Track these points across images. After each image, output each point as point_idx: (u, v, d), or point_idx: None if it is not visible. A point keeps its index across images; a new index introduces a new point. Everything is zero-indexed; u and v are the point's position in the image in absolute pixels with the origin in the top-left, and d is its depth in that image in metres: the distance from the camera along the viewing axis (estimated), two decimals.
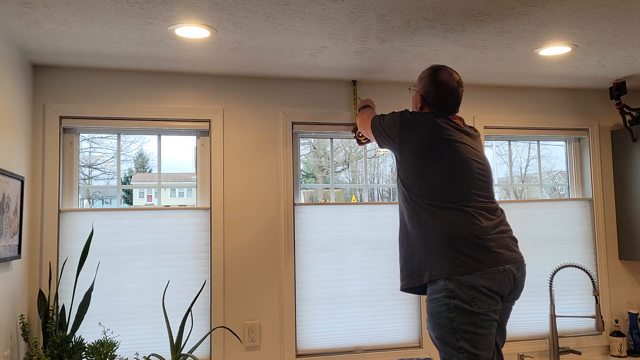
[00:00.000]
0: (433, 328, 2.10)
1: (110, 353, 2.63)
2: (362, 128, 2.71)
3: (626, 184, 3.62)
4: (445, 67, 2.39)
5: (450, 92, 2.33)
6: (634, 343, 3.50)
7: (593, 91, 3.73)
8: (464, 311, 2.02)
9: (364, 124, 2.65)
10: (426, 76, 2.37)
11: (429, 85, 2.34)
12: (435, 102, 2.34)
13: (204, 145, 3.19)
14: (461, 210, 2.11)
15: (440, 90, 2.33)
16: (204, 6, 2.20)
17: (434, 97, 2.33)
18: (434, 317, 2.08)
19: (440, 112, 2.31)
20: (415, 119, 2.28)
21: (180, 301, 3.04)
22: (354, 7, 2.25)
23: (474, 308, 2.02)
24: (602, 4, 2.27)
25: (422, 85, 2.37)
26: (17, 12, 2.23)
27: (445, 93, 2.33)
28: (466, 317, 2.02)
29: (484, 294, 2.02)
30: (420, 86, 2.39)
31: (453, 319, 2.03)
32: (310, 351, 3.21)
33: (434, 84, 2.34)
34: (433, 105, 2.34)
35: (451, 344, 2.03)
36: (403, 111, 2.35)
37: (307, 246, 3.26)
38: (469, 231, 2.07)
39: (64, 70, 2.98)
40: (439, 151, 2.18)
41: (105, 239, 2.99)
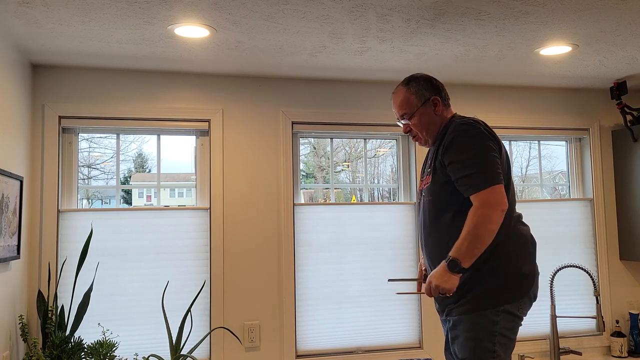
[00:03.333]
0: (468, 328, 1.94)
1: (109, 353, 2.62)
2: (483, 233, 1.87)
3: (627, 184, 3.61)
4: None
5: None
6: (635, 343, 3.49)
7: (594, 91, 3.72)
8: (510, 315, 1.92)
9: (484, 227, 1.86)
10: (422, 84, 2.14)
11: (430, 86, 2.14)
12: (447, 100, 2.17)
13: (203, 145, 3.18)
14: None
15: (439, 85, 2.17)
16: (203, 6, 2.20)
17: (445, 93, 2.17)
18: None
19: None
20: (481, 129, 1.97)
21: (180, 301, 3.03)
22: (354, 7, 2.24)
23: (519, 312, 1.94)
24: (603, 4, 2.27)
25: (425, 90, 2.12)
26: (16, 11, 2.23)
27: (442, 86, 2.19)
28: (509, 322, 1.92)
29: (530, 297, 1.97)
30: (426, 93, 2.12)
31: (497, 322, 1.91)
32: (310, 352, 3.20)
33: (430, 82, 2.15)
34: (445, 102, 2.15)
35: (486, 347, 1.89)
36: (470, 138, 1.95)
37: (307, 246, 3.25)
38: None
39: (63, 70, 2.97)
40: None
41: (105, 239, 2.98)
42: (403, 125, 2.17)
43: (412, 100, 2.12)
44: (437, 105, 2.11)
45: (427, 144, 2.16)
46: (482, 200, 1.85)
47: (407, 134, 2.19)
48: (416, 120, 2.11)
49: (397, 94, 2.17)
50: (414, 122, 2.12)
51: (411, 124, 2.13)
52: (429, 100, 2.11)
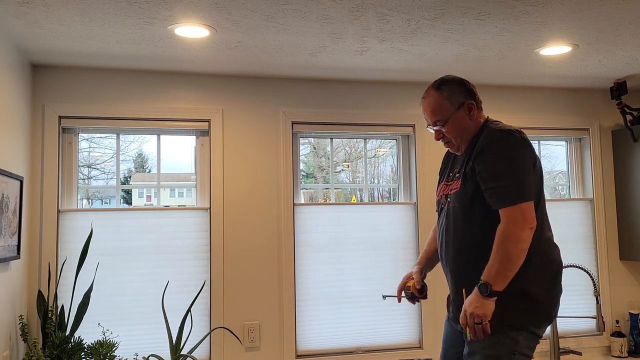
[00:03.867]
0: (489, 346, 1.85)
1: (109, 353, 2.62)
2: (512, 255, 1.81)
3: (627, 184, 3.61)
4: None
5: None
6: (635, 343, 3.49)
7: (594, 91, 3.72)
8: (532, 334, 1.86)
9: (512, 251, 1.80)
10: (455, 87, 2.00)
11: (464, 89, 2.00)
12: (479, 101, 2.03)
13: (203, 145, 3.18)
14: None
15: (472, 87, 2.04)
16: (203, 6, 2.20)
17: (478, 96, 2.03)
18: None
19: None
20: (518, 138, 1.88)
21: (180, 301, 3.03)
22: (354, 7, 2.24)
23: (540, 332, 1.89)
24: (603, 4, 2.26)
25: (459, 95, 1.99)
26: (16, 11, 2.23)
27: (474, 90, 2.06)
28: (530, 341, 1.86)
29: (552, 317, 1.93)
30: (460, 97, 1.98)
31: (519, 341, 1.83)
32: (310, 352, 3.20)
33: (464, 85, 2.01)
34: (479, 105, 2.01)
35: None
36: (504, 148, 1.86)
37: (307, 246, 3.25)
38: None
39: (63, 70, 2.97)
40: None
41: (105, 239, 2.98)
42: (435, 132, 2.02)
43: (445, 106, 1.97)
44: (472, 109, 1.97)
45: (459, 150, 2.02)
46: (511, 218, 1.77)
47: (438, 141, 2.06)
48: (450, 127, 1.97)
49: (428, 99, 2.01)
50: (447, 129, 1.98)
51: (445, 131, 1.99)
52: (464, 104, 1.96)
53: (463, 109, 1.97)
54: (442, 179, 2.15)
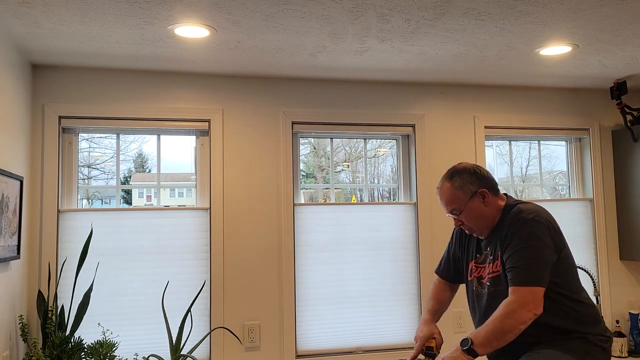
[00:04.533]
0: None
1: (109, 353, 2.62)
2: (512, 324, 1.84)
3: (627, 184, 3.61)
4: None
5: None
6: (635, 343, 3.49)
7: (594, 91, 3.72)
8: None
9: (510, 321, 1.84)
10: (466, 177, 2.05)
11: (475, 178, 2.04)
12: (495, 187, 2.08)
13: (203, 145, 3.18)
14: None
15: (484, 174, 2.08)
16: (203, 6, 2.20)
17: (492, 181, 2.08)
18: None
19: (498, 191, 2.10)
20: (542, 225, 1.93)
21: (180, 301, 3.03)
22: (354, 7, 2.24)
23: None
24: (603, 4, 2.26)
25: (470, 184, 2.03)
26: (16, 11, 2.23)
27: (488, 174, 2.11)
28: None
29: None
30: (471, 187, 2.02)
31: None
32: (310, 352, 3.20)
33: (475, 174, 2.05)
34: (493, 190, 2.06)
35: None
36: (527, 234, 1.90)
37: (307, 246, 3.25)
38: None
39: (63, 70, 2.97)
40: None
41: (105, 239, 2.98)
42: (454, 220, 2.08)
43: (458, 196, 2.02)
44: (486, 196, 2.02)
45: (482, 234, 2.07)
46: (521, 297, 1.83)
47: (459, 227, 2.11)
48: (466, 215, 2.03)
49: (442, 190, 2.08)
50: (464, 217, 2.03)
51: (462, 219, 2.04)
52: (476, 193, 2.01)
53: (477, 197, 2.02)
54: (466, 255, 2.17)
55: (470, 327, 3.43)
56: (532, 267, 1.85)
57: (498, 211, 2.03)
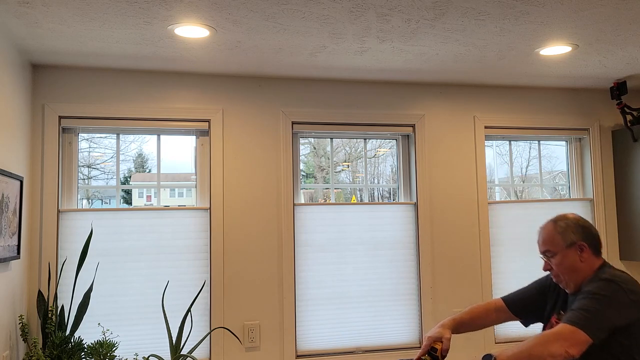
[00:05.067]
0: None
1: (109, 353, 2.62)
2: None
3: (627, 184, 3.61)
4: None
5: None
6: None
7: (594, 91, 3.72)
8: None
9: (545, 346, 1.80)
10: (571, 225, 2.02)
11: (580, 230, 2.01)
12: (597, 248, 2.02)
13: (203, 145, 3.18)
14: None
15: (592, 231, 2.03)
16: (203, 6, 2.20)
17: (597, 241, 2.02)
18: None
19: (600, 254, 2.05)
20: (620, 295, 1.86)
21: (180, 301, 3.03)
22: (354, 7, 2.24)
23: None
24: (603, 4, 2.27)
25: (573, 233, 2.00)
26: (16, 11, 2.23)
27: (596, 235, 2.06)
28: None
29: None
30: (573, 236, 2.00)
31: None
32: (310, 352, 3.20)
33: (581, 227, 2.02)
34: (595, 250, 2.01)
35: None
36: (602, 295, 1.85)
37: (307, 246, 3.25)
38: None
39: (63, 70, 2.97)
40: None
41: (105, 239, 2.98)
42: (545, 262, 2.06)
43: (556, 240, 2.00)
44: (584, 251, 1.97)
45: (567, 287, 2.02)
46: (559, 331, 1.79)
47: (546, 271, 2.07)
48: (558, 261, 1.99)
49: (543, 229, 2.07)
50: (555, 262, 2.00)
51: (552, 264, 2.01)
52: (575, 244, 1.97)
53: (574, 248, 1.98)
54: (550, 306, 2.13)
55: None
56: (589, 314, 1.80)
57: (591, 271, 1.98)
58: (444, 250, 3.39)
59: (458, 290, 3.39)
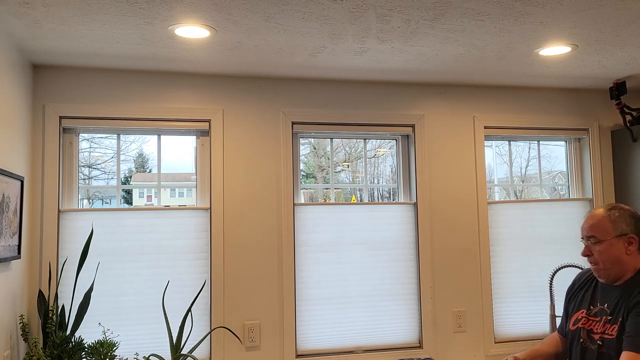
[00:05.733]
0: None
1: (110, 353, 2.62)
2: None
3: (626, 184, 3.61)
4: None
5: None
6: None
7: (593, 91, 3.73)
8: None
9: None
10: (625, 216, 1.96)
11: (633, 222, 1.95)
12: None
13: (203, 145, 3.19)
14: None
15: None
16: (203, 6, 2.20)
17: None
18: None
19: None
20: None
21: (180, 301, 3.03)
22: (354, 7, 2.24)
23: None
24: (603, 4, 2.27)
25: (626, 225, 1.95)
26: (16, 12, 2.23)
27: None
28: None
29: None
30: (625, 227, 1.94)
31: None
32: (310, 351, 3.20)
33: (636, 220, 1.96)
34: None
35: None
36: None
37: (307, 246, 3.25)
38: None
39: (63, 70, 2.98)
40: None
41: (105, 239, 2.99)
42: (585, 247, 2.01)
43: (606, 227, 1.94)
44: (633, 244, 1.93)
45: (603, 277, 1.98)
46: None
47: (585, 257, 2.01)
48: (602, 250, 1.94)
49: (593, 214, 2.00)
50: (599, 250, 1.94)
51: (595, 250, 1.96)
52: (626, 235, 1.92)
53: (623, 240, 1.93)
54: (577, 303, 2.11)
55: (471, 327, 3.44)
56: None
57: (634, 269, 1.93)
58: (444, 250, 3.40)
59: (458, 290, 3.40)
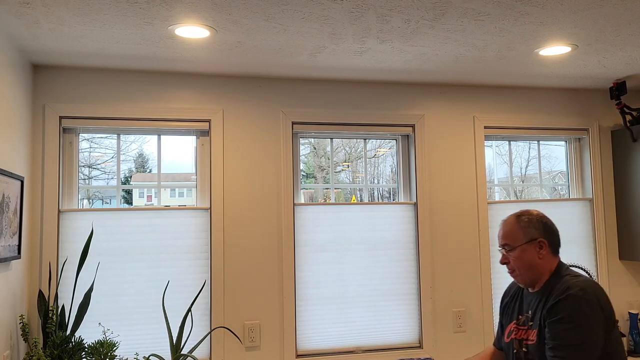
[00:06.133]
0: None
1: (110, 353, 2.62)
2: None
3: (626, 184, 3.61)
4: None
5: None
6: (634, 343, 3.49)
7: (593, 91, 3.73)
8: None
9: None
10: (533, 221, 2.03)
11: (541, 226, 2.03)
12: (556, 247, 2.05)
13: (203, 145, 3.19)
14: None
15: (553, 229, 2.05)
16: (203, 6, 2.20)
17: (557, 240, 2.05)
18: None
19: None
20: (594, 304, 1.84)
21: (180, 301, 3.03)
22: (354, 7, 2.24)
23: None
24: (602, 4, 2.27)
25: (534, 229, 2.01)
26: (16, 12, 2.23)
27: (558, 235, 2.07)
28: None
29: None
30: (534, 232, 2.01)
31: None
32: (310, 351, 3.20)
33: (544, 223, 2.03)
34: (553, 249, 2.03)
35: None
36: (579, 313, 1.83)
37: (307, 246, 3.25)
38: None
39: (63, 70, 2.98)
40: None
41: (105, 239, 2.99)
42: (502, 255, 2.07)
43: (517, 234, 2.01)
44: (543, 248, 1.99)
45: (522, 283, 2.04)
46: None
47: (503, 265, 2.07)
48: (516, 256, 2.00)
49: (505, 223, 2.07)
50: (513, 257, 2.01)
51: (510, 258, 2.03)
52: (535, 240, 2.00)
53: (534, 244, 2.00)
54: (508, 315, 2.14)
55: (471, 327, 3.44)
56: (580, 349, 1.79)
57: (548, 271, 2.00)
58: (444, 250, 3.40)
59: (457, 290, 3.40)
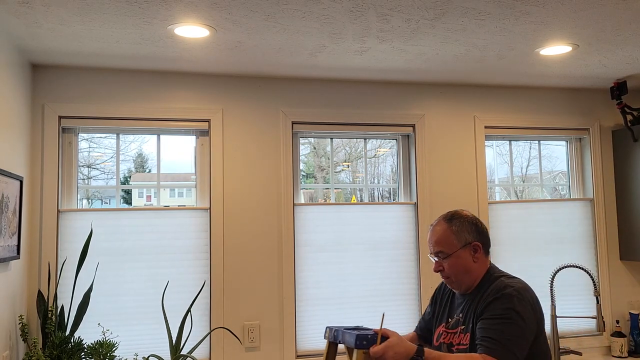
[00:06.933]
0: None
1: (109, 353, 2.62)
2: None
3: (627, 184, 3.61)
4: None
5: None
6: (635, 343, 3.49)
7: (594, 91, 3.72)
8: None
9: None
10: (466, 225, 1.96)
11: (474, 229, 1.97)
12: (488, 248, 2.00)
13: (203, 145, 3.18)
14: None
15: (484, 230, 2.00)
16: (203, 5, 2.20)
17: (488, 240, 2.00)
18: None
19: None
20: (527, 303, 1.83)
21: (180, 301, 3.03)
22: (354, 7, 2.24)
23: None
24: (603, 4, 2.26)
25: (468, 233, 1.95)
26: (16, 11, 2.23)
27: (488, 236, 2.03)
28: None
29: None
30: (468, 236, 1.94)
31: None
32: (310, 352, 3.20)
33: (475, 226, 1.97)
34: (486, 250, 1.98)
35: None
36: (512, 311, 1.80)
37: (307, 246, 3.25)
38: None
39: (63, 70, 2.97)
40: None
41: (105, 239, 2.98)
42: (435, 263, 1.99)
43: (451, 240, 1.93)
44: (478, 251, 1.93)
45: (458, 288, 1.99)
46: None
47: (437, 272, 1.99)
48: (451, 263, 1.93)
49: (435, 229, 1.99)
50: (448, 264, 1.94)
51: (445, 265, 1.95)
52: (470, 244, 1.93)
53: (469, 249, 1.93)
54: (439, 317, 2.09)
55: None
56: (510, 344, 1.75)
57: (482, 272, 1.95)
58: None
59: None
